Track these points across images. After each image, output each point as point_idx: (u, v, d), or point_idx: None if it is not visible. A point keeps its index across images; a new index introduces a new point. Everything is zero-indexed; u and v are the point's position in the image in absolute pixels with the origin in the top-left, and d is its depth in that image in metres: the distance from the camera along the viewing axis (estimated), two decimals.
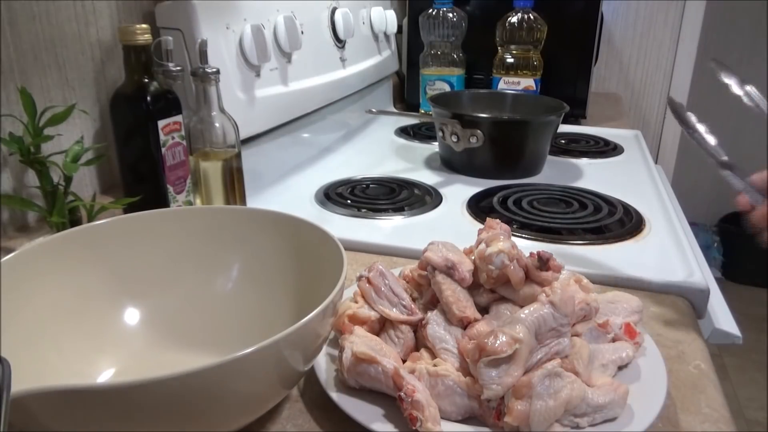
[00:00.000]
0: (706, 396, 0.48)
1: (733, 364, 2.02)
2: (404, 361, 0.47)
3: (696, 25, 1.87)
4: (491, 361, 0.41)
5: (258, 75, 0.86)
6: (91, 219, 0.59)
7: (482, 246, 0.48)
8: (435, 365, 0.44)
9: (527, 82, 1.25)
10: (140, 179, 0.67)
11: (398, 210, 0.82)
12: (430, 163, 1.05)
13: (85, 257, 0.49)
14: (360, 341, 0.45)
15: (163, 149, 0.65)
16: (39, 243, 0.47)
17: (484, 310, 0.49)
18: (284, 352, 0.37)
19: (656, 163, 1.02)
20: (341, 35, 1.13)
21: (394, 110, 1.48)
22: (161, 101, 0.65)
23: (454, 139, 0.94)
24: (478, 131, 0.91)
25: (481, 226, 0.52)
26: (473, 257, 0.49)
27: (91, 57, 0.67)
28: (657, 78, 1.96)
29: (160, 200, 0.67)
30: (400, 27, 1.46)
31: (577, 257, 0.67)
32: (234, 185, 0.72)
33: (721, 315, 0.64)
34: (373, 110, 1.08)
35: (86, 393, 0.32)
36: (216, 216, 0.55)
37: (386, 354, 0.45)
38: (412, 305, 0.49)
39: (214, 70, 0.69)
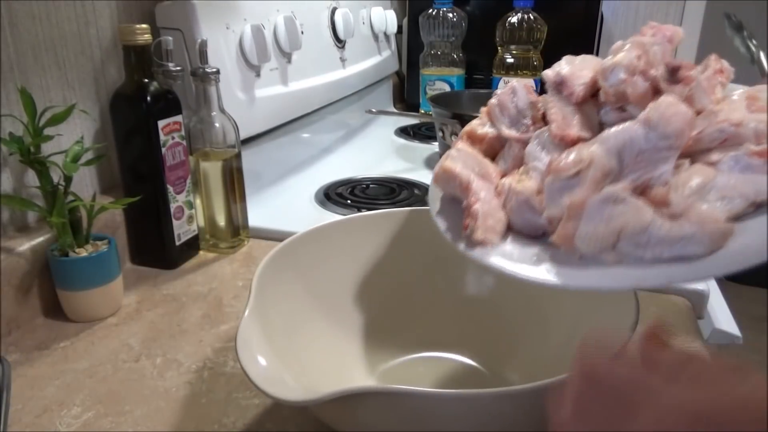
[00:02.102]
0: None
1: None
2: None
3: (696, 25, 1.87)
4: (558, 179, 0.37)
5: (258, 75, 0.86)
6: (91, 219, 0.59)
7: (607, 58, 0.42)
8: (519, 181, 0.42)
9: (527, 83, 1.25)
10: (140, 179, 0.67)
11: None
12: (430, 163, 1.05)
13: (344, 248, 0.52)
14: (456, 156, 0.44)
15: (163, 149, 0.65)
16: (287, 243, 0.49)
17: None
18: None
19: None
20: (341, 35, 1.13)
21: (394, 110, 1.48)
22: (161, 101, 0.65)
23: (454, 138, 0.94)
24: None
25: None
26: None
27: (91, 57, 0.67)
28: None
29: (160, 200, 0.67)
30: (400, 27, 1.46)
31: None
32: (234, 185, 0.73)
33: (721, 315, 0.64)
34: (373, 110, 1.08)
35: (415, 397, 0.33)
36: None
37: (482, 170, 0.43)
38: (531, 124, 0.45)
39: (214, 70, 0.69)
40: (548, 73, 0.44)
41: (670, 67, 0.39)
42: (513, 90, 0.46)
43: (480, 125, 0.47)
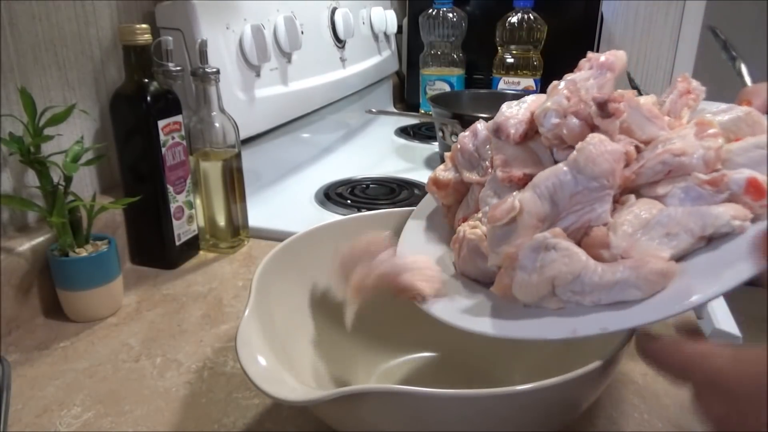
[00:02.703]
0: None
1: None
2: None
3: (696, 25, 1.87)
4: (497, 227, 0.37)
5: (258, 75, 0.86)
6: (91, 219, 0.59)
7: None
8: (473, 227, 0.41)
9: (527, 82, 1.25)
10: (140, 179, 0.67)
11: None
12: (430, 163, 1.05)
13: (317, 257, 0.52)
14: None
15: (163, 149, 0.65)
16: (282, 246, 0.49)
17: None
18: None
19: None
20: (341, 35, 1.13)
21: (394, 110, 1.48)
22: (161, 101, 0.65)
23: (454, 139, 0.94)
24: None
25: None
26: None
27: (91, 57, 0.67)
28: (657, 78, 1.96)
29: (160, 200, 0.67)
30: (400, 27, 1.46)
31: None
32: (234, 185, 0.73)
33: (721, 315, 0.63)
34: (373, 110, 1.09)
35: (424, 397, 0.33)
36: None
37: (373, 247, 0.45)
38: (490, 166, 0.45)
39: (214, 70, 0.69)
40: (489, 124, 0.44)
41: (596, 102, 0.37)
42: (474, 132, 0.46)
43: (443, 171, 0.47)
